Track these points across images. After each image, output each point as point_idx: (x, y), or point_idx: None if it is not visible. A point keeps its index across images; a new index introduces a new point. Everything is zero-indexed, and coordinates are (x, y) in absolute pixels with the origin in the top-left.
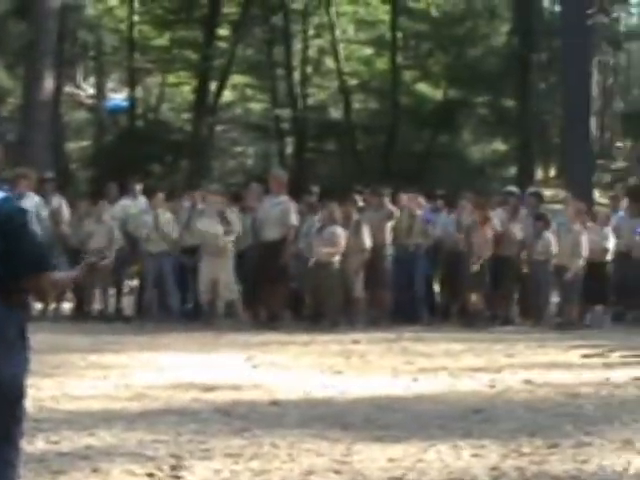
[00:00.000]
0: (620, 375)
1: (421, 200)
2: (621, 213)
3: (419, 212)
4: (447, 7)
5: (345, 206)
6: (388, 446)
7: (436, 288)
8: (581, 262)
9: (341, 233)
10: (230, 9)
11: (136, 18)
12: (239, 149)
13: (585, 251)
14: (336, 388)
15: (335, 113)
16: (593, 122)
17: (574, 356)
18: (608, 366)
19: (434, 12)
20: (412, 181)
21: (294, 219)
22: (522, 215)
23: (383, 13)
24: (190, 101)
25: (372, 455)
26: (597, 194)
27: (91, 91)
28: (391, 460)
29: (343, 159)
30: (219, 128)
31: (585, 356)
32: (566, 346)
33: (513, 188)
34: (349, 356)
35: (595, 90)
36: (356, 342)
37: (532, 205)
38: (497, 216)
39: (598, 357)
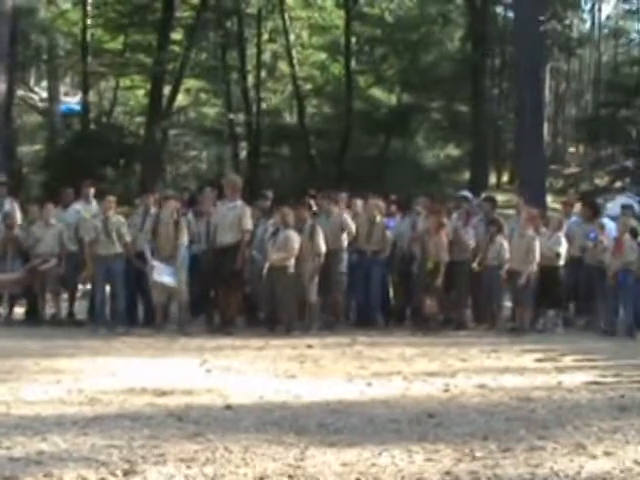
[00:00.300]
0: (572, 379)
1: (382, 205)
2: (574, 218)
3: (379, 218)
4: (401, 12)
5: (299, 210)
6: (342, 450)
7: (390, 292)
8: (534, 267)
9: (295, 238)
10: (184, 13)
11: (89, 22)
12: (193, 153)
13: (538, 256)
14: (290, 393)
15: (289, 118)
16: (546, 128)
17: (527, 360)
18: (560, 370)
19: (388, 17)
20: (366, 186)
21: (249, 224)
22: (475, 220)
23: (337, 18)
24: (143, 105)
25: (326, 459)
26: (550, 199)
27: (44, 95)
28: (345, 465)
29: (297, 164)
30: (173, 132)
31: (538, 360)
32: (519, 350)
33: (466, 193)
34: (303, 361)
35: (548, 96)
36: (310, 347)
37: (486, 210)
38: (450, 221)
39: (550, 361)
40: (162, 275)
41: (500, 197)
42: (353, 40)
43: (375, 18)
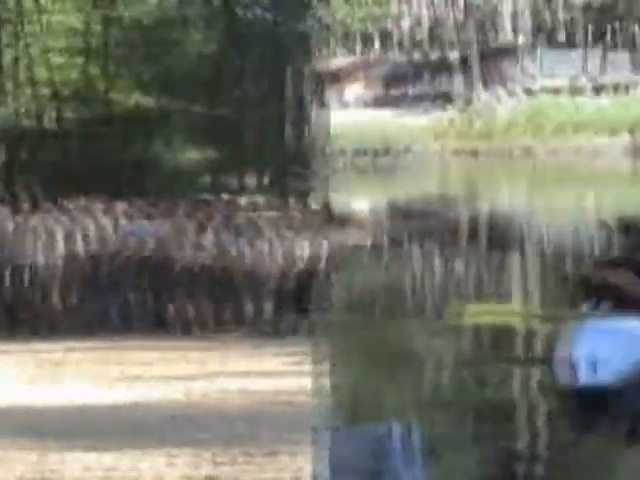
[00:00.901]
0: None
1: (125, 208)
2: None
3: (124, 222)
4: (158, 14)
5: (54, 214)
6: (102, 455)
7: (149, 297)
8: (292, 270)
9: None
10: None
11: None
12: None
13: (296, 259)
14: (46, 398)
15: (46, 122)
16: (289, 130)
17: (281, 364)
18: (317, 374)
19: (145, 19)
20: (122, 190)
21: (4, 227)
22: (233, 223)
23: (93, 21)
24: None
25: (86, 464)
26: (307, 201)
27: None
28: (106, 469)
29: (53, 168)
30: None
31: (296, 364)
32: (275, 354)
33: (225, 196)
34: (61, 365)
35: (293, 98)
36: (70, 350)
37: (244, 213)
38: (210, 225)
39: (308, 365)
40: None
41: (260, 199)
42: (107, 43)
43: (131, 20)
